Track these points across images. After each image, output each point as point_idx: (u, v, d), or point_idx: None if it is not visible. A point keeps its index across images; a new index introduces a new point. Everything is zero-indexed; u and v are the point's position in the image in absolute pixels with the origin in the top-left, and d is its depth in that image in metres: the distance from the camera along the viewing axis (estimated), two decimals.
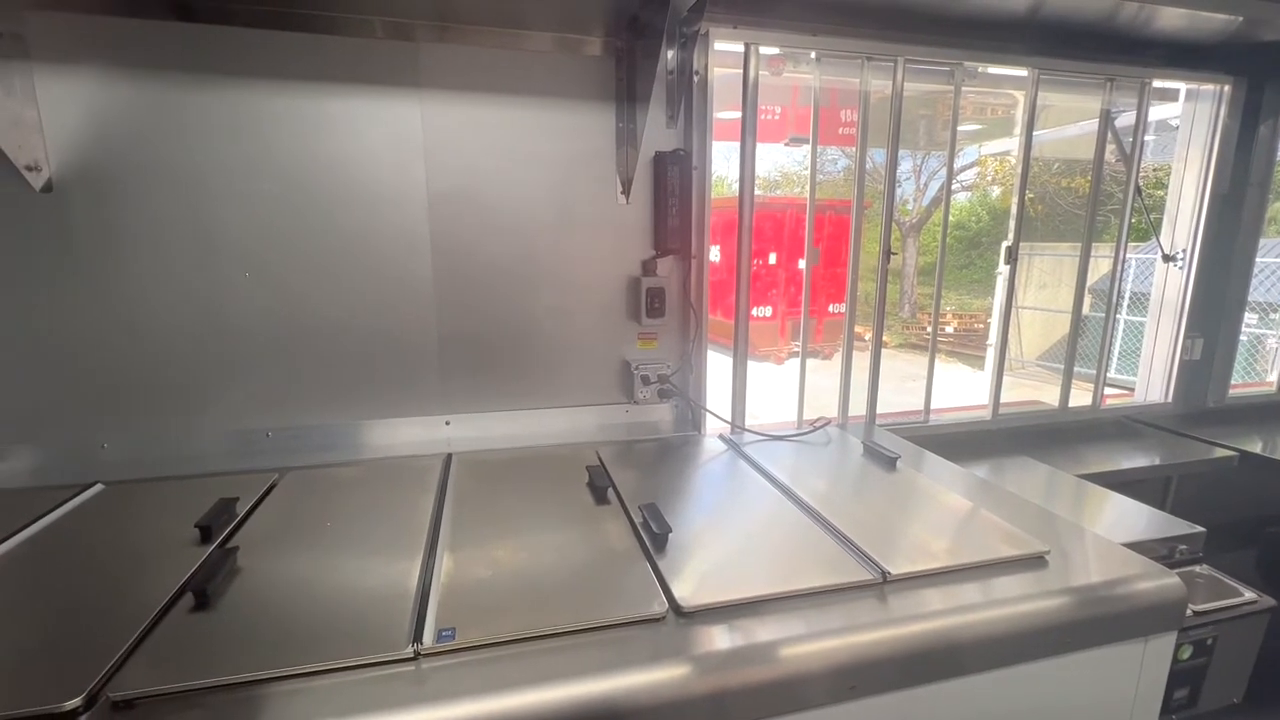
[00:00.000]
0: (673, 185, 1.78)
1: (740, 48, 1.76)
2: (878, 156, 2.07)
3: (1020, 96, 2.13)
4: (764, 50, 1.78)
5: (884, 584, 1.06)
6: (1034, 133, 2.12)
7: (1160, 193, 2.55)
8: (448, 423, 1.77)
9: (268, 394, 1.63)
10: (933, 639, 0.97)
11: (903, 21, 1.84)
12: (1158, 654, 1.11)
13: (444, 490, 1.44)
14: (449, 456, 1.65)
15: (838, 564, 1.10)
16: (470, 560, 1.12)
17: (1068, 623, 1.04)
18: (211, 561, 1.06)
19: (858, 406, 2.12)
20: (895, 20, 1.83)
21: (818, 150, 2.14)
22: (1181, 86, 2.27)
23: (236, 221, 1.54)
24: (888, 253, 1.99)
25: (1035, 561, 1.14)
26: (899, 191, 1.87)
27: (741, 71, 1.77)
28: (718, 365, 1.95)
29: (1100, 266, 2.55)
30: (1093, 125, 2.22)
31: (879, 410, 2.13)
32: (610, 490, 1.40)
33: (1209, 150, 2.27)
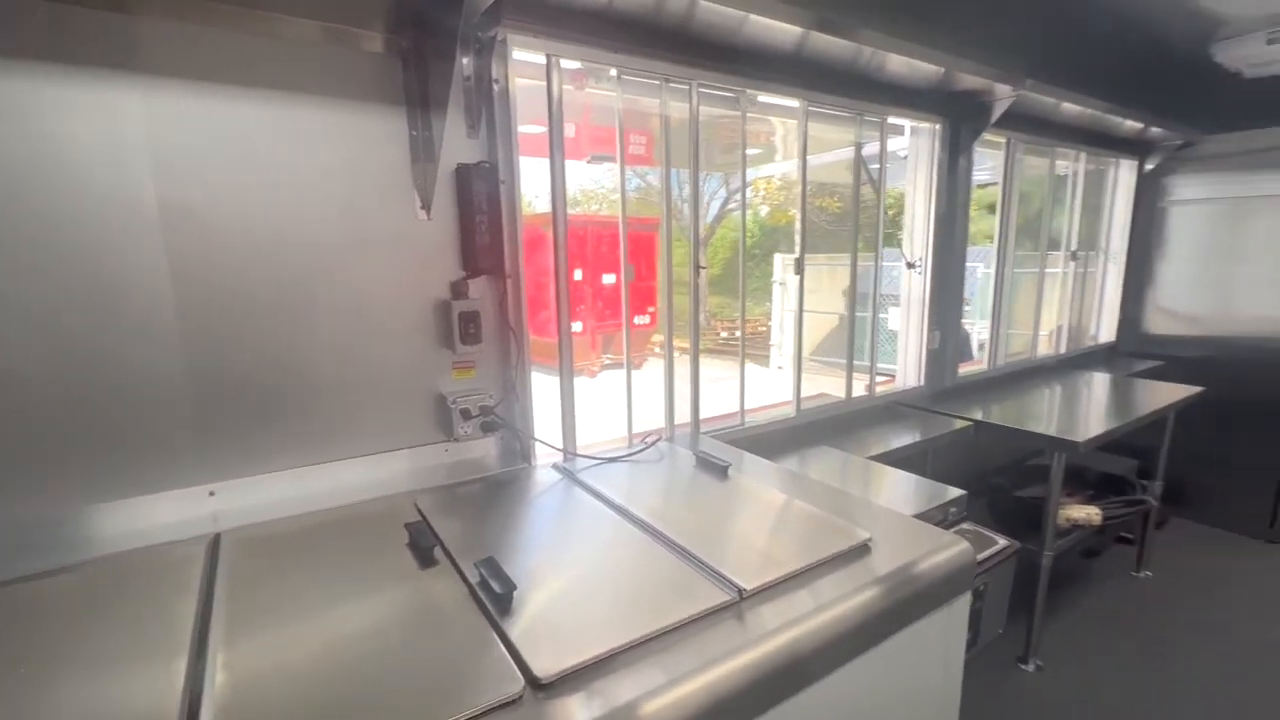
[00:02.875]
0: (479, 200, 1.64)
1: (542, 59, 1.69)
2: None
3: (779, 124, 2.39)
4: (566, 64, 1.73)
5: (740, 602, 1.05)
6: (795, 160, 2.38)
7: (896, 212, 3.04)
8: (212, 493, 1.40)
9: None
10: (791, 651, 0.97)
11: (694, 48, 1.93)
12: (959, 613, 1.27)
13: (211, 582, 1.12)
14: (216, 537, 1.31)
15: (694, 589, 1.07)
16: (254, 666, 0.87)
17: (895, 603, 1.13)
18: None
19: (677, 413, 2.15)
20: (688, 46, 1.91)
21: (614, 169, 2.15)
22: (907, 124, 2.73)
23: None
24: (698, 266, 2.07)
25: (862, 550, 1.23)
26: (686, 210, 2.01)
27: (545, 84, 1.71)
28: (539, 386, 1.84)
29: (857, 273, 2.98)
30: (840, 153, 2.58)
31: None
32: (437, 548, 1.22)
33: (931, 177, 2.77)
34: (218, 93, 1.32)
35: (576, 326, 9.10)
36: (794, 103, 2.26)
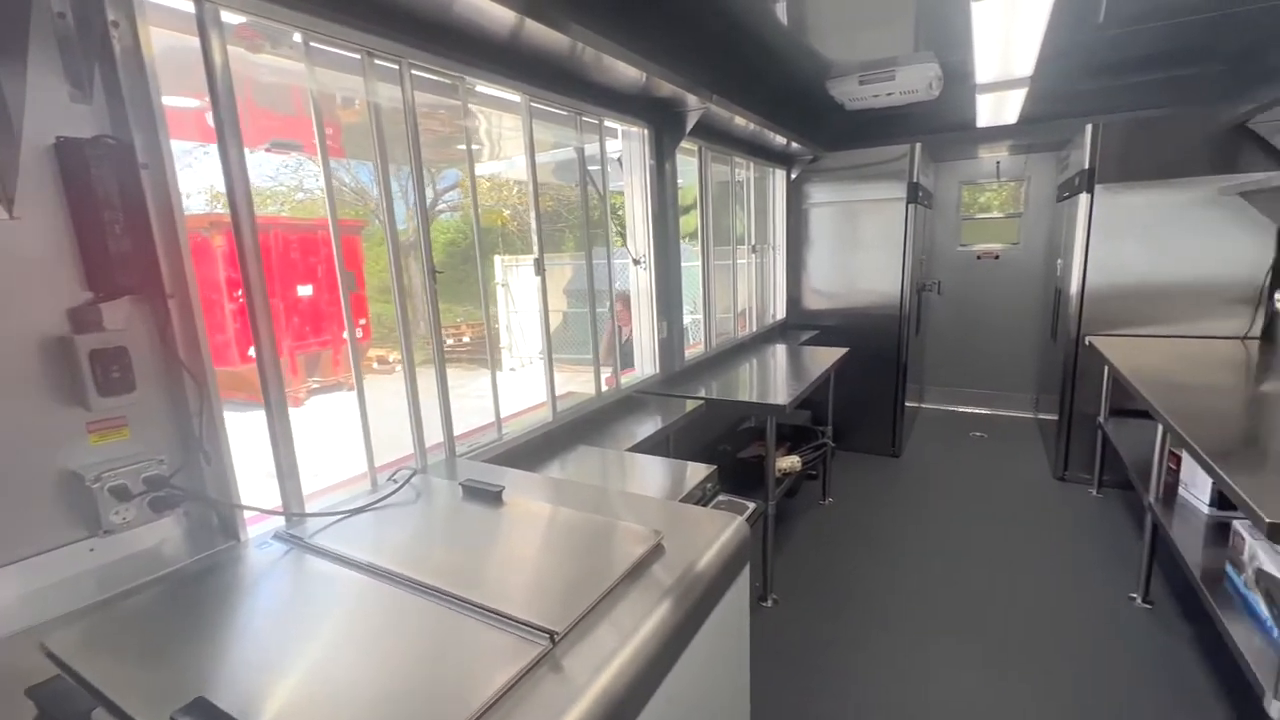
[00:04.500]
0: (106, 191, 1.17)
1: (189, 5, 1.27)
2: (361, 174, 1.86)
3: (483, 119, 2.32)
4: (229, 18, 1.34)
5: (554, 648, 0.92)
6: (505, 161, 2.32)
7: (622, 212, 3.20)
8: None
9: None
10: (621, 684, 0.89)
11: (403, 22, 1.68)
12: (743, 586, 1.34)
13: None
14: None
15: (498, 649, 0.91)
16: None
17: (697, 597, 1.13)
18: None
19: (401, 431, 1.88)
20: (395, 18, 1.66)
21: (296, 163, 1.81)
22: (620, 128, 2.87)
23: None
24: (434, 271, 1.84)
25: (658, 550, 1.21)
26: (394, 209, 1.81)
27: (199, 40, 1.29)
28: (234, 431, 1.41)
29: (577, 271, 3.07)
30: (551, 155, 2.60)
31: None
32: (97, 710, 0.81)
33: (645, 180, 2.96)
34: None
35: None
36: (515, 96, 2.17)
